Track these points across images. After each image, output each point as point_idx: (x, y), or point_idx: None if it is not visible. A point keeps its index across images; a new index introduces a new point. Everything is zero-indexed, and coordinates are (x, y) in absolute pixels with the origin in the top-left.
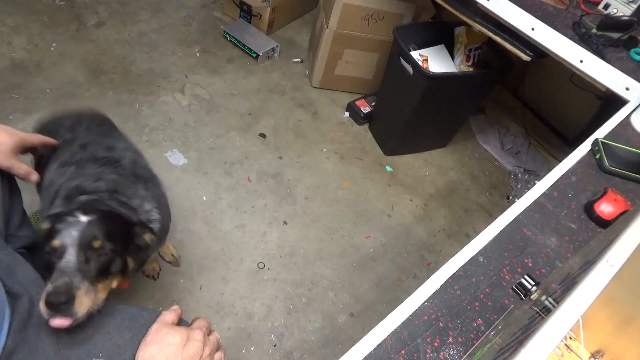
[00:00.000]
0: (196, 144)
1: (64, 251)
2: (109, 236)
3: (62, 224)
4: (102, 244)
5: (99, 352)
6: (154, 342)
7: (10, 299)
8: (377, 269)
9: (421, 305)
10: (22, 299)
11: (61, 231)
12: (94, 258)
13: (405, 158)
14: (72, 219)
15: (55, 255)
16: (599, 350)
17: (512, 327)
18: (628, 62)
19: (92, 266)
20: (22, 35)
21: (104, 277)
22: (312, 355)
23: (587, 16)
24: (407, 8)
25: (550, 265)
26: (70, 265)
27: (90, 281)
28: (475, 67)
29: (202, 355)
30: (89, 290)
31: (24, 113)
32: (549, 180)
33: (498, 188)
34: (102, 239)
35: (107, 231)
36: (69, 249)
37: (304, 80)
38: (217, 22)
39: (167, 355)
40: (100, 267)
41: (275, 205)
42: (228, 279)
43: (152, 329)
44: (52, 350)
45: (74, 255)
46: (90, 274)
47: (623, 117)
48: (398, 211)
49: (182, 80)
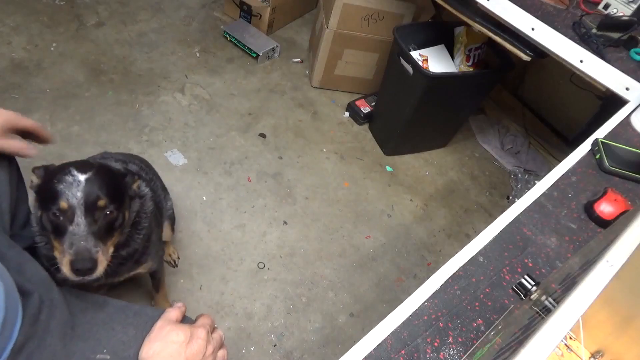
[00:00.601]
0: (196, 144)
1: (73, 213)
2: (109, 193)
3: (63, 185)
4: (106, 203)
5: (104, 348)
6: (158, 338)
7: (22, 296)
8: (377, 269)
9: (421, 305)
10: (33, 297)
11: (64, 192)
12: (101, 218)
13: (405, 158)
14: (71, 178)
15: (64, 218)
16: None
17: (512, 327)
18: (628, 62)
19: (101, 226)
20: (22, 35)
21: (110, 235)
22: (312, 355)
23: (587, 16)
24: (407, 8)
25: (550, 265)
26: (82, 228)
27: (102, 241)
28: (475, 67)
29: (205, 353)
30: (103, 251)
31: (24, 113)
32: (549, 180)
33: (498, 188)
34: (105, 197)
35: (106, 188)
36: (77, 211)
37: (304, 80)
38: (217, 22)
39: (170, 352)
40: (107, 225)
41: (275, 205)
42: (228, 279)
43: (156, 326)
44: (59, 344)
45: (83, 217)
46: (100, 234)
47: (623, 117)
48: (398, 211)
49: (182, 80)
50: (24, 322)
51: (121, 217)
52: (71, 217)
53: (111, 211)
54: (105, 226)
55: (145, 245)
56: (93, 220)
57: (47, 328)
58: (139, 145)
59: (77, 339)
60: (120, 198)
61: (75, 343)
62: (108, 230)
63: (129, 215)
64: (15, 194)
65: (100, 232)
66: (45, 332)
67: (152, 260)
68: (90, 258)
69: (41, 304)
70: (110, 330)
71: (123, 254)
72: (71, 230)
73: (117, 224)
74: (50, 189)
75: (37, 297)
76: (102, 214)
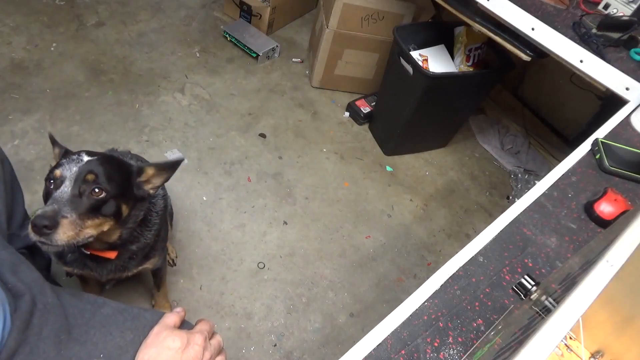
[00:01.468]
0: (196, 144)
1: (62, 182)
2: (106, 175)
3: (67, 159)
4: (95, 179)
5: (100, 353)
6: (154, 344)
7: (13, 297)
8: (377, 269)
9: (421, 305)
10: (24, 298)
11: (64, 165)
12: (87, 193)
13: (405, 158)
14: (76, 157)
15: (54, 185)
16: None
17: (512, 327)
18: (628, 62)
19: (84, 201)
20: (22, 35)
21: (94, 215)
22: (312, 355)
23: (587, 16)
24: (407, 8)
25: (550, 265)
26: (63, 195)
27: (79, 215)
28: (475, 67)
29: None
30: (75, 223)
31: (23, 113)
32: (549, 180)
33: (498, 188)
34: (97, 175)
35: (104, 170)
36: (66, 182)
37: (304, 80)
38: (217, 22)
39: (165, 358)
40: (93, 203)
41: (275, 205)
42: (228, 279)
43: (153, 331)
44: (53, 350)
45: (69, 187)
46: (81, 208)
47: (623, 117)
48: (398, 211)
49: (182, 80)
50: (16, 326)
51: (114, 205)
52: (59, 185)
53: (100, 190)
54: (89, 203)
55: (155, 241)
56: (78, 192)
57: (40, 334)
58: (139, 145)
59: (73, 342)
60: (117, 187)
61: (71, 347)
62: (91, 209)
63: (128, 210)
64: (10, 195)
65: (80, 206)
66: (38, 339)
67: (159, 256)
68: (52, 218)
69: (33, 307)
70: (108, 335)
71: (133, 248)
72: (54, 196)
73: (106, 209)
74: (57, 164)
75: (28, 299)
76: (89, 189)
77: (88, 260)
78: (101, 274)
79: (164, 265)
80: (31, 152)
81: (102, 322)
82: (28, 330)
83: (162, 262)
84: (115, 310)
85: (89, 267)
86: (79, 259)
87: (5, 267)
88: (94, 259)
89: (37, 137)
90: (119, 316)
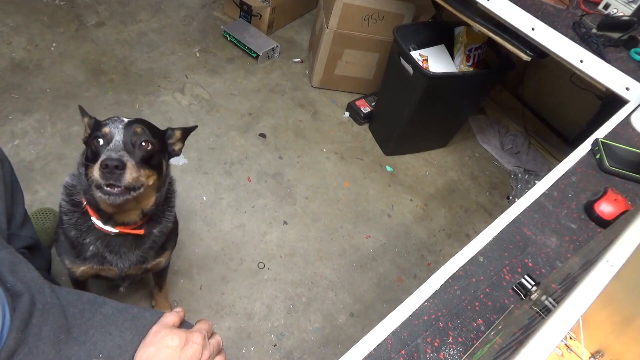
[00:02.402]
0: (196, 144)
1: (112, 137)
2: (151, 131)
3: (108, 121)
4: (143, 132)
5: (100, 352)
6: (152, 343)
7: (12, 297)
8: (377, 269)
9: (421, 305)
10: (24, 298)
11: (108, 124)
12: (138, 145)
13: (405, 158)
14: (116, 118)
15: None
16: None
17: (512, 327)
18: (628, 62)
19: (137, 151)
20: (22, 35)
21: (146, 166)
22: (312, 355)
23: (587, 16)
24: (407, 8)
25: (550, 265)
26: (118, 145)
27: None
28: (475, 67)
29: (201, 359)
30: (136, 168)
31: (23, 113)
32: (549, 180)
33: (498, 188)
34: (144, 129)
35: (149, 126)
36: (116, 136)
37: (304, 80)
38: (217, 22)
39: (164, 357)
40: (144, 154)
41: (275, 205)
42: (228, 279)
43: (152, 330)
44: (53, 350)
45: (121, 139)
46: (136, 157)
47: (623, 117)
48: (398, 211)
49: (182, 80)
50: (15, 326)
51: (158, 157)
52: (110, 140)
53: (147, 141)
54: (141, 154)
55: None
56: (130, 142)
57: (39, 334)
58: None
59: (72, 341)
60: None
61: (70, 347)
62: (143, 159)
63: (166, 168)
64: (10, 195)
65: (135, 155)
66: (37, 339)
67: (171, 250)
68: (119, 159)
69: (33, 307)
70: (107, 334)
71: (156, 232)
72: (108, 148)
73: (153, 160)
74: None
75: (27, 299)
76: (139, 140)
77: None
78: (122, 267)
79: (168, 264)
80: (31, 152)
81: (102, 322)
82: (27, 330)
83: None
84: (115, 310)
85: (109, 261)
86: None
87: (4, 266)
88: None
89: (37, 137)
90: (118, 316)
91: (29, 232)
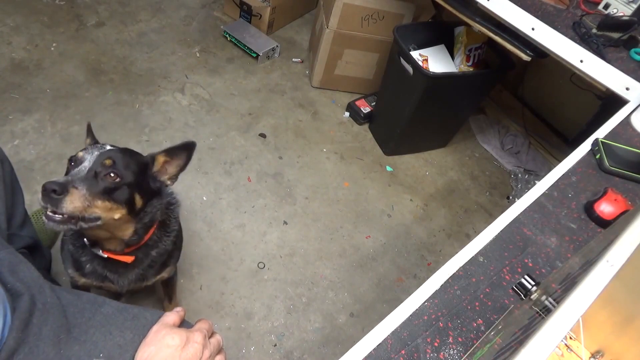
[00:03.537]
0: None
1: (81, 162)
2: (123, 163)
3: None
4: (113, 165)
5: (100, 352)
6: (153, 342)
7: (12, 297)
8: (377, 269)
9: (421, 305)
10: (23, 298)
11: (87, 149)
12: (102, 176)
13: (405, 158)
14: (100, 145)
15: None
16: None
17: (512, 327)
18: (628, 62)
19: (99, 182)
20: (22, 35)
21: (105, 198)
22: (312, 355)
23: (587, 16)
24: (407, 8)
25: (550, 265)
26: (79, 173)
27: (91, 192)
28: (475, 67)
29: (202, 358)
30: (85, 197)
31: (23, 113)
32: (549, 180)
33: (498, 188)
34: (114, 161)
35: (122, 158)
36: (85, 163)
37: (304, 80)
38: (217, 22)
39: (164, 356)
40: (106, 186)
41: (275, 205)
42: (228, 279)
43: (152, 330)
44: (53, 350)
45: (87, 168)
46: (94, 188)
47: (623, 117)
48: (398, 211)
49: (182, 80)
50: (15, 326)
51: (126, 192)
52: (78, 165)
53: (114, 174)
54: (103, 185)
55: (172, 248)
56: (94, 173)
57: (39, 334)
58: (139, 145)
59: (73, 341)
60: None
61: (70, 347)
62: (104, 191)
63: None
64: (10, 195)
65: (94, 185)
66: (37, 339)
67: (174, 265)
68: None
69: (33, 307)
70: (107, 334)
71: (153, 254)
72: (71, 172)
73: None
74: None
75: (27, 299)
76: (105, 172)
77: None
78: (122, 285)
79: (175, 274)
80: (31, 152)
81: (102, 322)
82: (27, 330)
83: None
84: (115, 310)
85: (109, 279)
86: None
87: (4, 266)
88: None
89: (37, 137)
90: (118, 315)
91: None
